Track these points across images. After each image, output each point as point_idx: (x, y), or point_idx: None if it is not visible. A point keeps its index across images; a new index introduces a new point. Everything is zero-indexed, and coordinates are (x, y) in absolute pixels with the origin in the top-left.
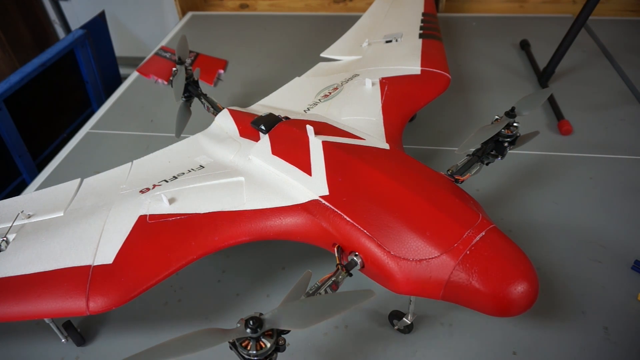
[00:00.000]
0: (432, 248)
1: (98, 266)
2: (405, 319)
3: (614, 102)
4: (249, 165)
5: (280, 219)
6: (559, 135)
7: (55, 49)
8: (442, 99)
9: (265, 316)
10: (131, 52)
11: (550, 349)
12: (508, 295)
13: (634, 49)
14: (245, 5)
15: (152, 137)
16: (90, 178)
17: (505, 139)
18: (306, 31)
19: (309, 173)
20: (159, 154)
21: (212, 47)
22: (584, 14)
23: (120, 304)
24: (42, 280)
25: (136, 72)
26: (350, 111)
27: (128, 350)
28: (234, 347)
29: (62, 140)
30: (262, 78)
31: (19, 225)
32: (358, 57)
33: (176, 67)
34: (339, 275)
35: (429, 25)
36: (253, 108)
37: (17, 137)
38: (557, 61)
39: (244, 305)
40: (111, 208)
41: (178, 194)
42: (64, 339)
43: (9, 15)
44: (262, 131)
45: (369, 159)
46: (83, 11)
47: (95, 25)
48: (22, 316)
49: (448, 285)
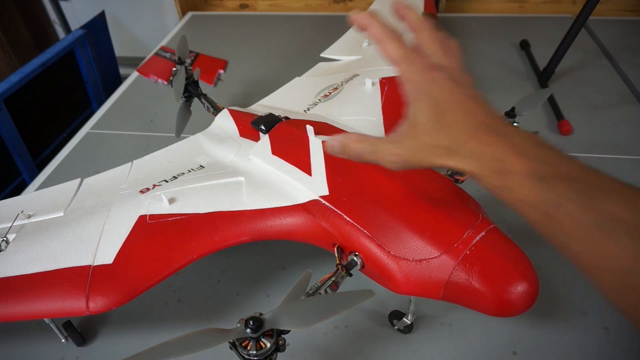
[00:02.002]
0: (432, 248)
1: (98, 266)
2: (405, 319)
3: (614, 102)
4: (249, 165)
5: (280, 219)
6: (559, 135)
7: (55, 49)
8: None
9: (265, 316)
10: (131, 52)
11: (550, 349)
12: (508, 295)
13: (634, 49)
14: (245, 5)
15: (152, 137)
16: (90, 178)
17: None
18: (306, 31)
19: (309, 173)
20: (159, 154)
21: (212, 47)
22: (584, 14)
23: (120, 304)
24: (42, 280)
25: (136, 72)
26: (350, 111)
27: (128, 350)
28: (234, 347)
29: (62, 140)
30: (262, 78)
31: (19, 225)
32: (358, 57)
33: (176, 67)
34: (339, 275)
35: None
36: (253, 108)
37: (17, 137)
38: (557, 61)
39: (244, 305)
40: (111, 208)
41: (178, 194)
42: (64, 339)
43: (9, 15)
44: (262, 131)
45: None
46: (83, 11)
47: (95, 25)
48: (22, 316)
49: (448, 285)
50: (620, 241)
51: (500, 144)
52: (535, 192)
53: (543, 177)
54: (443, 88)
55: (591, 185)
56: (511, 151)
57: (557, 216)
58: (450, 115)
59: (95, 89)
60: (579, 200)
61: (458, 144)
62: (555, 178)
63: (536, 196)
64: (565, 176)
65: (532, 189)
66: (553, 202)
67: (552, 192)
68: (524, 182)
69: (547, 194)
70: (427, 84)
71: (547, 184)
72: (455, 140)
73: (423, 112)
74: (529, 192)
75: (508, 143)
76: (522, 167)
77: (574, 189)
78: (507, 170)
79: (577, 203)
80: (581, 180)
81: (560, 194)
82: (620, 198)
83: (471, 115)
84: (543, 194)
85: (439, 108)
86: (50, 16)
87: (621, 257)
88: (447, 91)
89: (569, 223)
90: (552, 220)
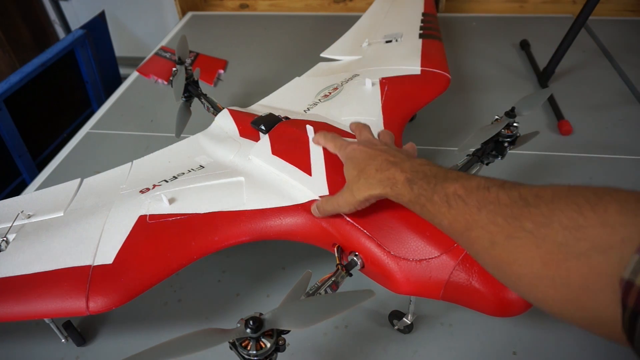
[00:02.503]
0: (432, 248)
1: (98, 266)
2: (405, 319)
3: (614, 102)
4: (249, 165)
5: (280, 219)
6: (559, 135)
7: (55, 49)
8: (442, 99)
9: (265, 316)
10: (131, 52)
11: (550, 349)
12: (508, 295)
13: (634, 49)
14: (245, 5)
15: (152, 137)
16: (90, 178)
17: (505, 139)
18: (306, 31)
19: (309, 173)
20: (159, 154)
21: (212, 47)
22: (584, 14)
23: (120, 304)
24: (42, 280)
25: (136, 72)
26: (350, 111)
27: (128, 350)
28: (234, 347)
29: (62, 140)
30: (262, 78)
31: (19, 225)
32: (358, 57)
33: (176, 67)
34: (339, 275)
35: (429, 25)
36: (253, 108)
37: (17, 137)
38: (557, 61)
39: (244, 305)
40: (111, 208)
41: (178, 194)
42: (64, 339)
43: (9, 15)
44: (262, 131)
45: None
46: (83, 11)
47: (95, 25)
48: (22, 316)
49: (448, 285)
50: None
51: (392, 169)
52: (410, 191)
53: (413, 180)
54: (359, 150)
55: (441, 178)
56: (398, 170)
57: (423, 203)
58: (363, 163)
59: (95, 89)
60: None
61: (370, 179)
62: (421, 179)
63: (411, 194)
64: (428, 176)
65: (408, 190)
66: (418, 194)
67: (418, 188)
68: (404, 187)
69: (415, 190)
70: (349, 152)
71: (415, 184)
72: (368, 178)
73: (349, 170)
74: (407, 193)
75: (397, 167)
76: (402, 177)
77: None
78: (395, 183)
79: (431, 191)
80: (436, 176)
81: (422, 188)
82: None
83: (375, 159)
84: (414, 191)
85: (356, 163)
86: (50, 16)
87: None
88: (361, 151)
89: (430, 206)
90: (423, 208)
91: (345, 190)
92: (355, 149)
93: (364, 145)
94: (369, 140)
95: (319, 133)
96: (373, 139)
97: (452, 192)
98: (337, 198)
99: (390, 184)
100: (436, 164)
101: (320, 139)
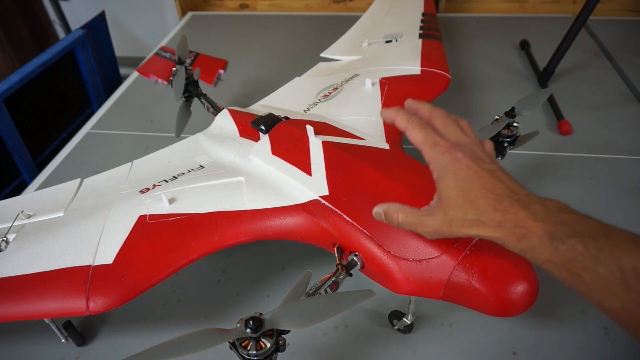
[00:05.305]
0: (432, 248)
1: (98, 266)
2: (405, 319)
3: (614, 102)
4: (249, 165)
5: (280, 219)
6: (559, 135)
7: (55, 49)
8: (442, 99)
9: (265, 316)
10: (131, 52)
11: (550, 349)
12: (508, 295)
13: (634, 49)
14: (245, 5)
15: (152, 137)
16: (90, 178)
17: (505, 139)
18: (306, 31)
19: (309, 173)
20: (159, 154)
21: (212, 47)
22: (584, 14)
23: (120, 304)
24: (42, 280)
25: (136, 72)
26: (350, 111)
27: (128, 350)
28: (234, 347)
29: (62, 140)
30: (262, 78)
31: (19, 225)
32: (358, 57)
33: (176, 67)
34: (339, 275)
35: (429, 25)
36: (253, 108)
37: (17, 137)
38: (557, 61)
39: (244, 305)
40: (111, 208)
41: (178, 194)
42: (64, 339)
43: (9, 15)
44: (262, 131)
45: (369, 159)
46: (83, 11)
47: (95, 25)
48: (22, 316)
49: (448, 285)
50: None
51: (521, 213)
52: (553, 251)
53: (559, 237)
54: (464, 166)
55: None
56: (530, 217)
57: (577, 271)
58: (474, 191)
59: (95, 89)
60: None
61: (483, 216)
62: (571, 237)
63: (554, 255)
64: (582, 234)
65: (550, 249)
66: (570, 259)
67: (569, 250)
68: (542, 243)
69: (563, 252)
70: (450, 163)
71: (563, 243)
72: (481, 213)
73: (450, 190)
74: (548, 252)
75: (527, 210)
76: (539, 229)
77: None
78: (527, 234)
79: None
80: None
81: (576, 251)
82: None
83: (492, 190)
84: (560, 252)
85: (462, 185)
86: (50, 16)
87: None
88: (469, 168)
89: (589, 278)
90: (573, 276)
91: (439, 215)
92: (459, 159)
93: (469, 158)
94: (470, 149)
95: (396, 110)
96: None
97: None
98: (424, 219)
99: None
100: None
101: (401, 120)
